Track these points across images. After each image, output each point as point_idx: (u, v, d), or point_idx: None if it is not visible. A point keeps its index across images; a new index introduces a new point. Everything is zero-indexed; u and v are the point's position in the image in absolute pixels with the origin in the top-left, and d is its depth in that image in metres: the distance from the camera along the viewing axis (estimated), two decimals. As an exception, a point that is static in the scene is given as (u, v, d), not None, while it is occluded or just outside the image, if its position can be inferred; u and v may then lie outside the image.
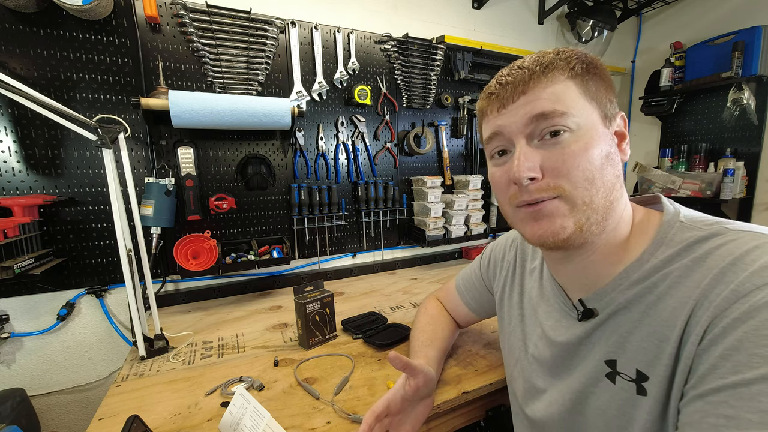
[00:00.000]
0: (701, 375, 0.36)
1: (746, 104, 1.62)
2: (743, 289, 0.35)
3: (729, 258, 0.37)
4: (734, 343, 0.34)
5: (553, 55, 0.45)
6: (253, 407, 0.61)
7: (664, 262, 0.43)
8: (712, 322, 0.36)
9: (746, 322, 0.34)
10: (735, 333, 0.34)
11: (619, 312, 0.46)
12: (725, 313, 0.35)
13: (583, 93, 0.44)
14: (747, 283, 0.35)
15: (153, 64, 1.18)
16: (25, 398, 1.11)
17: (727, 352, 0.34)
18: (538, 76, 0.44)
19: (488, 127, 0.49)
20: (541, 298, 0.60)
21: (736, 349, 0.34)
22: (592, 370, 0.49)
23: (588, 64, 0.45)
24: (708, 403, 0.35)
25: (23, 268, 0.96)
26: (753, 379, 0.32)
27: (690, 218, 0.45)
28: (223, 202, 1.28)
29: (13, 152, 1.06)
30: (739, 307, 0.34)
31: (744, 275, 0.35)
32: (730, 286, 0.36)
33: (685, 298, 0.39)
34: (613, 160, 0.45)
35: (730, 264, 0.37)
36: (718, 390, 0.34)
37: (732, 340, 0.34)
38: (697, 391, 0.36)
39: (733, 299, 0.35)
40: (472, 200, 1.69)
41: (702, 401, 0.35)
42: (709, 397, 0.35)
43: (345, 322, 1.04)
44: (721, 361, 0.35)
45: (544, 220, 0.45)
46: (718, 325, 0.35)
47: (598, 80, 0.45)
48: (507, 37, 1.86)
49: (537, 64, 0.45)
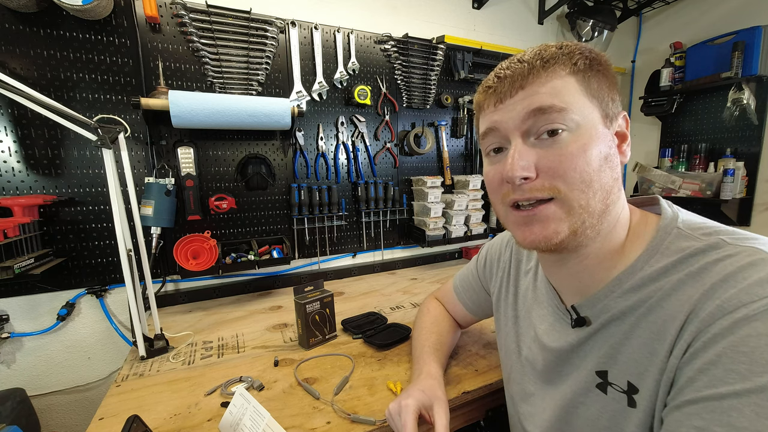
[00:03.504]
0: (680, 387, 0.37)
1: (746, 104, 1.62)
2: (729, 306, 0.35)
3: (722, 274, 0.37)
4: (713, 358, 0.34)
5: (555, 48, 0.44)
6: (253, 407, 0.60)
7: (658, 273, 0.42)
8: (696, 336, 0.36)
9: (727, 337, 0.34)
10: (715, 348, 0.34)
11: (612, 322, 0.45)
12: (709, 329, 0.35)
13: (583, 90, 0.42)
14: (734, 300, 0.35)
15: (153, 64, 1.18)
16: (25, 398, 1.11)
17: (705, 366, 0.35)
18: (538, 70, 0.42)
19: (484, 122, 0.48)
20: (534, 301, 0.60)
21: (713, 364, 0.34)
22: (583, 379, 0.48)
23: (592, 60, 0.43)
24: (683, 413, 0.35)
25: (23, 268, 0.96)
26: (726, 394, 0.33)
27: (688, 224, 0.43)
28: (223, 202, 1.28)
29: (13, 152, 1.06)
30: (722, 322, 0.35)
31: (732, 291, 0.35)
32: (716, 301, 0.36)
33: (676, 313, 0.39)
34: (612, 162, 0.43)
35: (721, 280, 0.37)
36: (693, 402, 0.35)
37: (711, 355, 0.35)
38: (675, 402, 0.37)
39: (718, 315, 0.35)
40: (472, 200, 1.69)
41: (678, 412, 0.36)
42: (685, 408, 0.35)
43: (345, 322, 1.04)
44: (698, 374, 0.35)
45: (537, 225, 0.44)
46: (700, 339, 0.36)
47: (601, 77, 0.43)
48: (507, 37, 1.86)
49: (538, 57, 0.43)
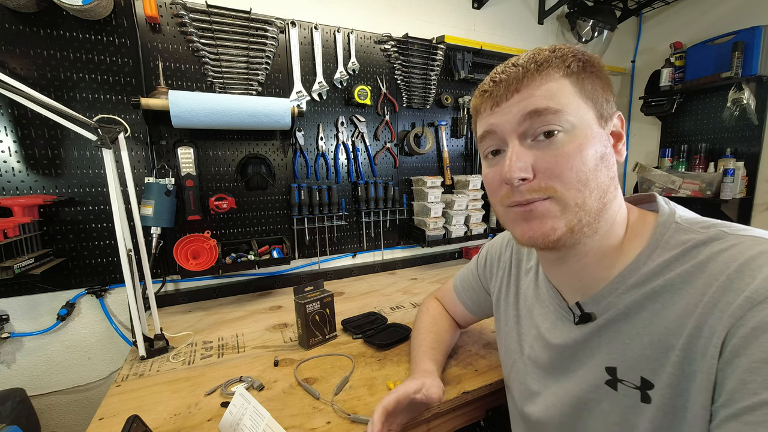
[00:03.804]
0: (731, 391, 0.34)
1: (746, 104, 1.62)
2: (758, 296, 0.34)
3: (734, 264, 0.37)
4: (761, 355, 0.32)
5: (548, 52, 0.44)
6: (253, 407, 0.60)
7: (662, 267, 0.42)
8: (729, 331, 0.35)
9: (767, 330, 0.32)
10: (758, 343, 0.33)
11: (618, 318, 0.45)
12: (741, 322, 0.34)
13: (578, 91, 0.43)
14: (761, 290, 0.34)
15: (153, 64, 1.18)
16: (25, 398, 1.11)
17: (755, 364, 0.33)
18: (532, 73, 0.43)
19: (481, 125, 0.49)
20: (536, 300, 0.60)
21: (764, 362, 0.32)
22: (592, 376, 0.48)
23: (585, 62, 0.44)
24: (744, 423, 0.32)
25: (23, 268, 0.96)
26: None
27: (686, 219, 0.44)
28: (223, 202, 1.28)
29: (13, 152, 1.06)
30: (756, 314, 0.33)
31: (756, 282, 0.34)
32: (742, 293, 0.35)
33: (690, 306, 0.38)
34: (608, 161, 0.44)
35: (736, 271, 0.36)
36: (753, 408, 0.32)
37: (758, 352, 0.33)
38: (729, 410, 0.34)
39: (747, 307, 0.34)
40: (472, 200, 1.69)
41: (737, 422, 0.33)
42: (744, 416, 0.33)
43: (345, 322, 1.04)
44: (750, 375, 0.33)
45: (535, 221, 0.44)
46: (736, 334, 0.34)
47: (594, 79, 0.44)
48: (507, 37, 1.86)
49: (531, 61, 0.44)
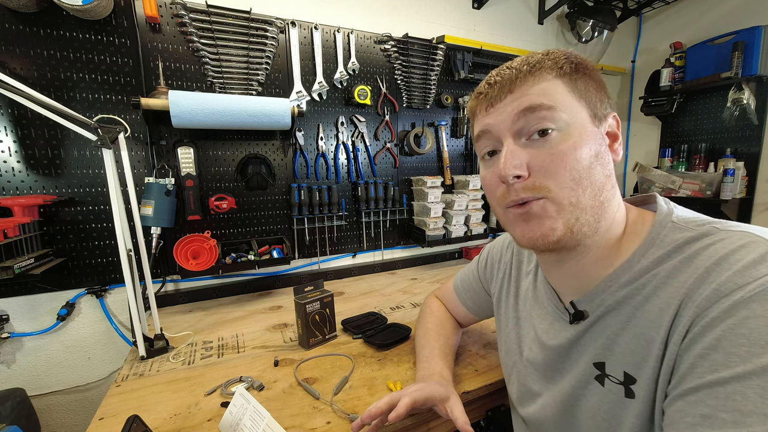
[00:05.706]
0: (681, 375, 0.36)
1: (746, 104, 1.62)
2: (725, 288, 0.35)
3: (714, 257, 0.37)
4: (712, 342, 0.34)
5: (541, 55, 0.46)
6: (253, 407, 0.61)
7: (653, 263, 0.42)
8: (693, 321, 0.36)
9: (725, 320, 0.34)
10: (714, 331, 0.34)
11: (608, 314, 0.46)
12: (706, 312, 0.35)
13: (571, 91, 0.44)
14: (729, 282, 0.35)
15: (153, 64, 1.18)
16: (25, 398, 1.11)
17: (705, 351, 0.34)
18: (525, 75, 0.44)
19: (477, 126, 0.50)
20: (535, 301, 0.60)
21: (713, 348, 0.34)
22: (581, 372, 0.49)
23: (577, 64, 0.45)
24: (687, 402, 0.35)
25: (23, 268, 0.96)
26: (728, 378, 0.32)
27: (683, 218, 0.44)
28: (223, 202, 1.28)
29: (13, 152, 1.06)
30: (719, 306, 0.34)
31: (727, 274, 0.35)
32: (712, 285, 0.36)
33: (671, 299, 0.39)
34: (603, 159, 0.44)
35: (714, 264, 0.37)
36: (696, 389, 0.34)
37: (710, 339, 0.34)
38: (677, 390, 0.36)
39: (714, 298, 0.35)
40: (472, 200, 1.69)
41: (682, 401, 0.35)
42: (688, 396, 0.35)
43: (345, 322, 1.04)
44: (699, 360, 0.35)
45: (534, 222, 0.45)
46: (698, 323, 0.36)
47: (587, 79, 0.45)
48: (507, 37, 1.86)
49: (525, 63, 0.45)
